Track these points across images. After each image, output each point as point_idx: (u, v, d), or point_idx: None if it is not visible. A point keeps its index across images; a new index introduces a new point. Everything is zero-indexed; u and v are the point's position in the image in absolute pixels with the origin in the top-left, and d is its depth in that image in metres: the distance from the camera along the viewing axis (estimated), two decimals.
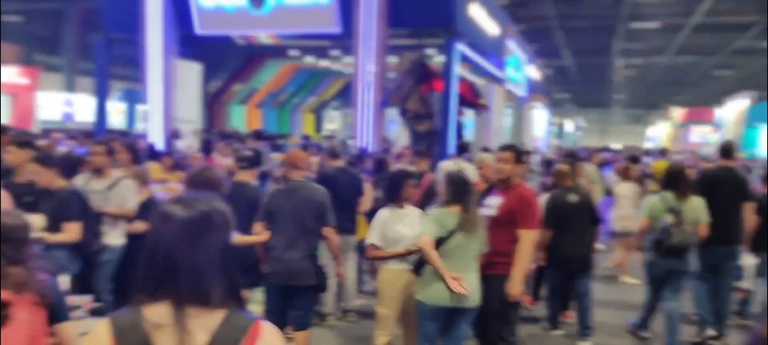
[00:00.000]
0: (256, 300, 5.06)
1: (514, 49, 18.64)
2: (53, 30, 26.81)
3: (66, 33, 25.41)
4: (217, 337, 1.38)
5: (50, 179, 4.54)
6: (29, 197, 4.44)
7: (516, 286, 4.25)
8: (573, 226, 5.52)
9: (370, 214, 5.06)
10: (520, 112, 22.38)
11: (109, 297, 5.00)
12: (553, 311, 6.05)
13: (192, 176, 4.72)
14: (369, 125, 11.74)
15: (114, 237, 5.10)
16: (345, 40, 12.60)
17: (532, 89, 23.70)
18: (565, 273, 5.74)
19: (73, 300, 3.75)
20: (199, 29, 13.25)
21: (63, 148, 8.94)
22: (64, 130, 15.11)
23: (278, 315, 4.46)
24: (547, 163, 9.85)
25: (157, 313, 1.37)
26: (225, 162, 7.53)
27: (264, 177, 7.32)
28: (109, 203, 5.07)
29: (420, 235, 4.00)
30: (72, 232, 4.46)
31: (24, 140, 5.12)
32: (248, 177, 5.22)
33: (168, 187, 7.04)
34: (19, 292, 2.36)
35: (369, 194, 6.32)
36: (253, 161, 5.48)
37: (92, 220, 4.76)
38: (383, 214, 4.43)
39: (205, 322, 1.38)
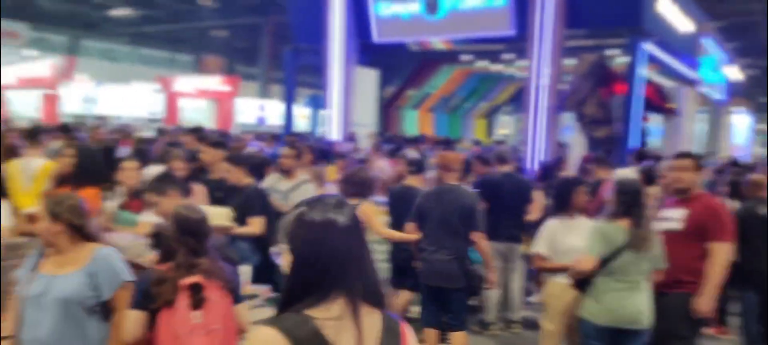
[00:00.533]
0: (416, 302, 5.12)
1: (711, 47, 16.84)
2: (252, 42, 29.70)
3: (262, 45, 27.98)
4: (385, 333, 1.45)
5: (239, 177, 4.98)
6: (220, 193, 4.92)
7: (706, 302, 3.82)
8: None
9: (537, 224, 4.86)
10: (716, 117, 20.18)
11: None
12: (749, 338, 5.32)
13: (347, 176, 5.03)
14: (542, 131, 11.33)
15: None
16: (519, 43, 12.30)
17: (731, 92, 21.23)
18: (760, 293, 5.05)
19: (253, 289, 4.08)
20: (376, 37, 13.79)
21: (252, 149, 9.80)
22: (257, 132, 16.59)
23: (433, 316, 4.50)
24: (719, 172, 8.82)
25: (329, 314, 1.39)
26: (378, 164, 7.69)
27: None
28: (290, 204, 5.42)
29: (581, 253, 3.73)
30: (255, 225, 4.84)
31: (217, 141, 5.70)
32: (417, 182, 5.30)
33: None
34: (209, 278, 2.65)
35: (539, 202, 6.09)
36: (422, 165, 5.56)
37: (273, 216, 5.13)
38: (551, 223, 4.23)
39: (372, 321, 1.44)
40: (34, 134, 6.00)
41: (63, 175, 4.54)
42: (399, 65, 17.86)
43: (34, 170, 5.29)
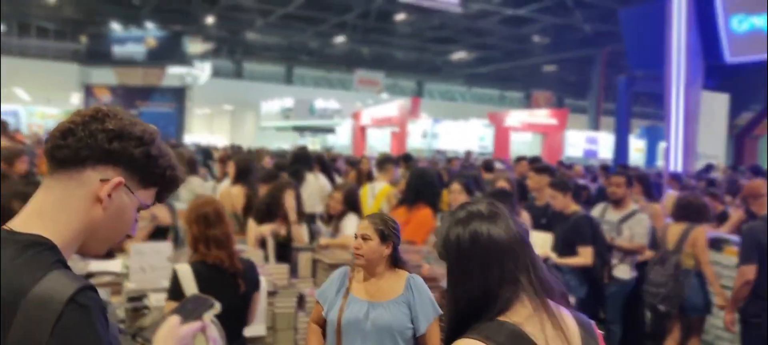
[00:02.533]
0: None
1: None
2: (582, 75, 29.11)
3: (593, 76, 27.19)
4: (583, 332, 1.37)
5: (565, 204, 4.79)
6: (544, 219, 4.79)
7: None
8: None
9: None
10: None
11: (617, 328, 4.93)
12: None
13: (680, 199, 4.87)
14: None
15: (623, 271, 5.00)
16: None
17: None
18: None
19: None
20: (729, 56, 12.10)
21: (580, 181, 9.42)
22: (585, 165, 16.07)
23: None
24: None
25: (521, 316, 1.32)
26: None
27: None
28: (621, 236, 5.01)
29: None
30: (585, 255, 4.58)
31: (541, 167, 5.61)
32: None
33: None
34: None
35: None
36: None
37: (602, 248, 4.79)
38: None
39: (567, 319, 1.37)
40: (382, 163, 6.79)
41: (402, 197, 4.98)
42: (757, 87, 15.34)
43: (376, 192, 5.97)
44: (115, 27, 23.73)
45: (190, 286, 2.72)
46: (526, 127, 22.34)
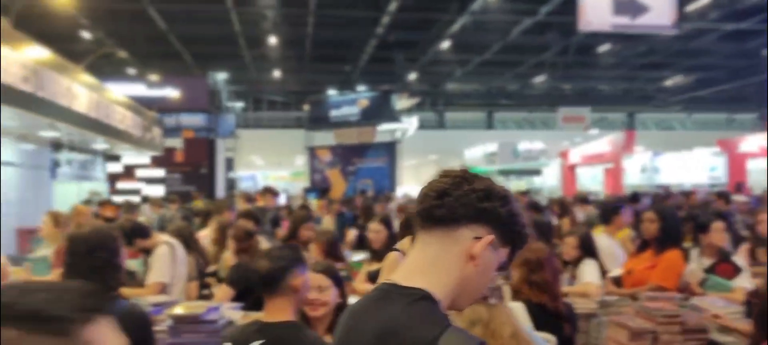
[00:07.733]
0: None
1: None
2: None
3: None
4: None
5: None
6: None
7: None
8: None
9: None
10: None
11: None
12: None
13: None
14: None
15: None
16: None
17: None
18: None
19: None
20: None
21: None
22: None
23: None
24: None
25: None
26: None
27: None
28: None
29: None
30: None
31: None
32: None
33: None
34: None
35: None
36: None
37: None
38: None
39: None
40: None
41: (646, 239, 4.62)
42: None
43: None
44: (332, 93, 26.10)
45: (525, 321, 2.80)
46: None
